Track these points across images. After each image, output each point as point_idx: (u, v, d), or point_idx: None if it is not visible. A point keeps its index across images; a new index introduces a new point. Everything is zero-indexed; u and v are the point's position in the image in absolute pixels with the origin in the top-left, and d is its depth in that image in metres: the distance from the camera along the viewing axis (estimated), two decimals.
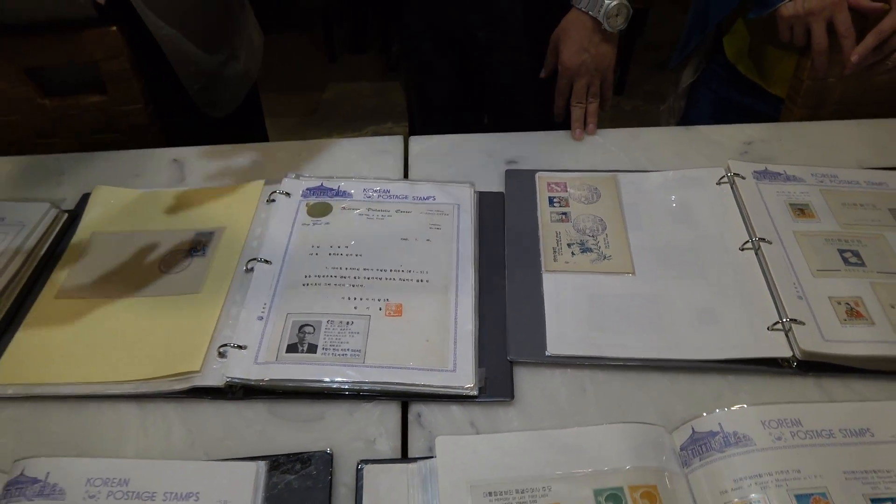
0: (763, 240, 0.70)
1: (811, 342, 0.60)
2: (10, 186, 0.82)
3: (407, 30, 1.10)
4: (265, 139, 1.22)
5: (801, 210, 0.73)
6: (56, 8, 0.84)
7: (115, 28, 0.87)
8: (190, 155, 0.86)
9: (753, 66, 1.02)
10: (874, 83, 0.94)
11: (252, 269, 0.68)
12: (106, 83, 0.90)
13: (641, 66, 2.39)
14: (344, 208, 0.74)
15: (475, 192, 0.78)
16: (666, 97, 1.17)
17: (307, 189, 0.77)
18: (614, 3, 0.82)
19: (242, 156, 0.86)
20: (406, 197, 0.76)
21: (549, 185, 0.79)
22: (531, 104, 1.08)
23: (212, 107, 1.02)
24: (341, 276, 0.67)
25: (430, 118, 1.21)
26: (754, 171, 0.78)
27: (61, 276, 0.70)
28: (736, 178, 0.77)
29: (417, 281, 0.67)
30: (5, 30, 0.85)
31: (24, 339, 0.64)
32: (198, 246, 0.72)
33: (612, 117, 2.24)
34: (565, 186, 0.79)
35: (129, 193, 0.79)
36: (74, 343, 0.64)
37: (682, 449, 0.52)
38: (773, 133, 0.88)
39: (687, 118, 1.14)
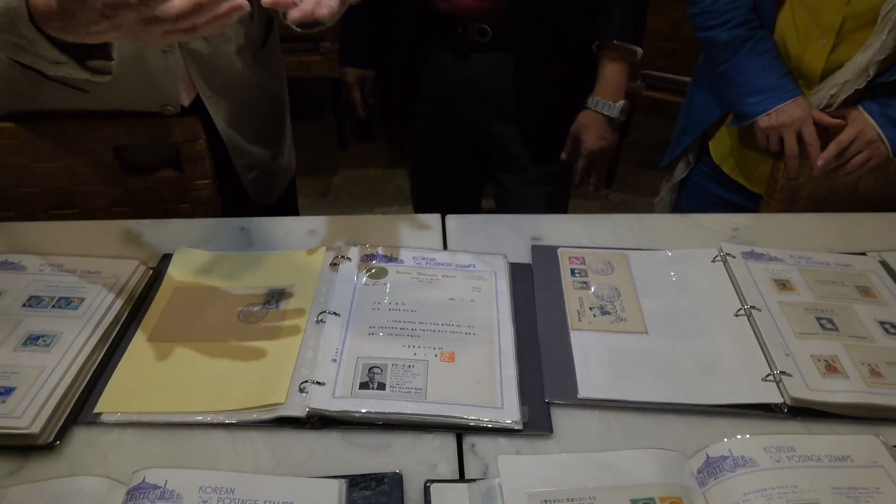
0: (754, 307, 0.83)
1: (798, 391, 0.72)
2: (99, 246, 0.93)
3: (419, 117, 1.26)
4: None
5: (783, 284, 0.87)
6: (150, 104, 0.99)
7: (196, 117, 1.01)
8: (255, 224, 0.99)
9: (736, 166, 1.20)
10: (838, 183, 1.12)
11: (323, 321, 0.79)
12: (183, 162, 1.03)
13: (627, 164, 2.62)
14: (398, 272, 0.87)
15: (507, 262, 0.91)
16: (659, 191, 1.34)
17: (365, 255, 0.89)
18: (624, 103, 1.00)
19: (301, 225, 0.99)
20: (450, 265, 0.89)
21: (570, 258, 0.93)
22: (532, 178, 1.24)
23: (262, 195, 1.17)
24: (401, 328, 0.78)
25: (431, 198, 1.37)
26: (742, 252, 0.93)
27: (151, 322, 0.81)
28: (727, 257, 0.91)
29: (465, 333, 0.78)
30: (102, 114, 0.99)
31: (124, 374, 0.74)
32: (271, 300, 0.84)
33: (602, 207, 2.43)
34: (584, 260, 0.92)
35: (206, 255, 0.91)
36: (169, 379, 0.73)
37: (698, 472, 0.63)
38: (755, 222, 1.04)
39: (678, 209, 1.30)
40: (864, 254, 0.95)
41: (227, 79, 1.02)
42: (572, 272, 0.90)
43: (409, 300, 0.82)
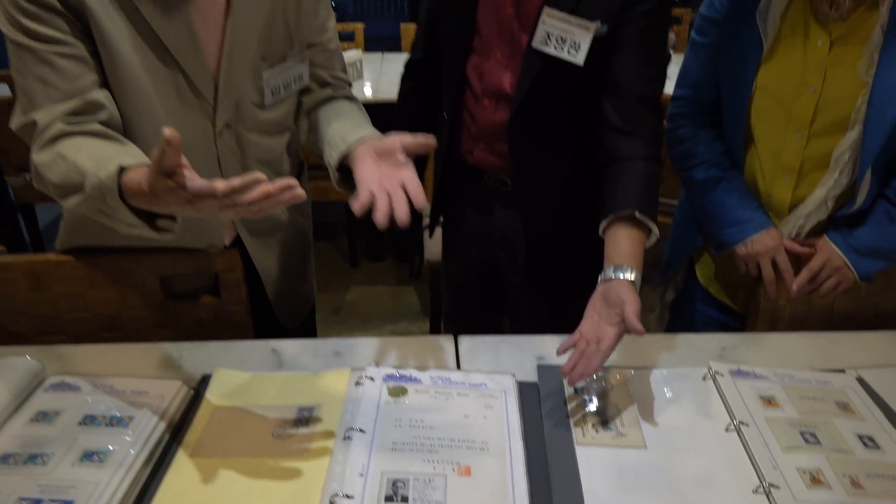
0: (742, 423, 0.91)
1: (786, 502, 0.79)
2: (144, 367, 1.03)
3: (451, 248, 1.38)
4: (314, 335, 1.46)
5: (769, 401, 0.96)
6: (197, 243, 1.12)
7: (235, 249, 1.14)
8: (285, 346, 1.09)
9: (722, 289, 1.31)
10: (815, 305, 1.22)
11: (350, 437, 0.87)
12: (221, 288, 1.15)
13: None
14: (417, 391, 0.96)
15: (516, 381, 1.00)
16: (654, 309, 1.45)
17: (386, 375, 0.98)
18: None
19: (327, 348, 1.09)
20: (463, 384, 0.98)
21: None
22: (543, 312, 1.34)
23: (290, 319, 1.28)
24: (420, 444, 0.86)
25: (460, 320, 1.47)
26: (730, 370, 1.01)
27: (193, 440, 0.88)
28: (717, 375, 1.00)
29: (479, 449, 0.86)
30: (150, 249, 1.12)
31: (169, 488, 0.81)
32: (302, 419, 0.92)
33: None
34: (585, 378, 1.01)
35: (241, 375, 1.00)
36: (210, 493, 0.80)
37: None
38: (741, 341, 1.13)
39: (672, 326, 1.40)
40: (842, 371, 1.04)
41: (265, 222, 1.16)
42: (575, 390, 0.99)
43: (427, 417, 0.91)
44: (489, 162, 1.22)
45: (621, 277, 0.97)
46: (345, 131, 1.01)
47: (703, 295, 1.33)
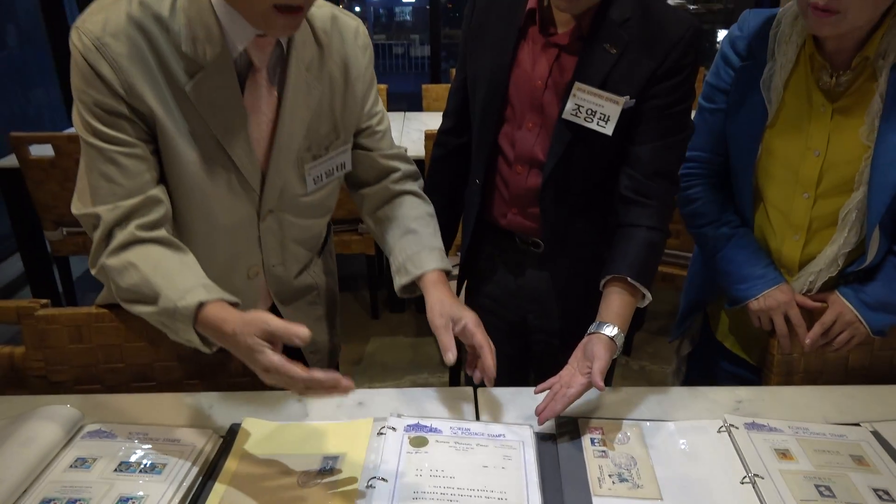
0: (757, 476, 0.92)
1: None
2: (176, 416, 1.07)
3: (477, 308, 1.41)
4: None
5: (783, 454, 0.97)
6: None
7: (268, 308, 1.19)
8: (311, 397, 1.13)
9: (737, 343, 1.33)
10: (830, 358, 1.24)
11: (373, 486, 0.90)
12: None
13: (645, 333, 2.76)
14: (437, 441, 0.99)
15: (534, 432, 1.02)
16: (672, 361, 1.47)
17: (408, 425, 1.02)
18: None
19: (350, 398, 1.12)
20: (483, 434, 1.01)
21: (590, 428, 1.04)
22: (555, 364, 1.36)
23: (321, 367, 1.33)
24: (441, 493, 0.89)
25: None
26: (745, 423, 1.03)
27: (223, 487, 0.92)
28: (731, 428, 1.02)
29: (498, 498, 0.88)
30: None
31: None
32: (327, 467, 0.95)
33: (623, 374, 2.53)
34: (602, 430, 1.04)
35: (269, 425, 1.04)
36: None
37: None
38: (757, 395, 1.15)
39: (689, 380, 1.41)
40: (857, 424, 1.05)
41: (297, 290, 1.23)
42: (592, 441, 1.01)
43: (447, 467, 0.94)
44: (521, 225, 1.26)
45: (602, 332, 1.06)
46: (410, 259, 1.13)
47: (719, 348, 1.36)
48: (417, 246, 1.14)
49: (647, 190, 1.12)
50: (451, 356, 1.01)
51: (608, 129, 1.09)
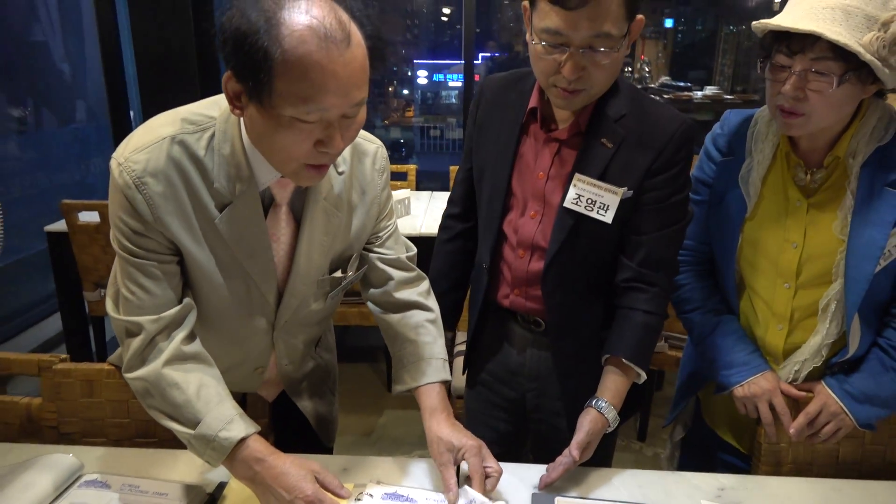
0: None
1: None
2: (169, 471, 1.13)
3: (478, 384, 1.45)
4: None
5: None
6: (232, 387, 1.17)
7: (266, 402, 1.26)
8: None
9: (728, 430, 1.33)
10: (819, 450, 1.23)
11: None
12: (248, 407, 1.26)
13: (660, 418, 2.70)
14: None
15: None
16: (666, 447, 1.46)
17: (385, 493, 1.05)
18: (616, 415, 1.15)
19: (335, 464, 1.16)
20: None
21: None
22: (563, 444, 1.37)
23: (327, 439, 1.39)
24: None
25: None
26: None
27: None
28: None
29: None
30: None
31: None
32: None
33: (637, 460, 2.48)
34: None
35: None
36: None
37: None
38: (741, 483, 1.14)
39: (682, 466, 1.40)
40: None
41: (303, 376, 1.31)
42: None
43: None
44: (523, 306, 1.30)
45: (594, 405, 1.14)
46: (407, 369, 1.19)
47: (711, 435, 1.35)
48: (415, 357, 1.20)
49: (646, 278, 1.17)
50: (451, 496, 1.05)
51: (608, 218, 1.15)
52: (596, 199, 1.16)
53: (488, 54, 6.93)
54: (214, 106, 1.01)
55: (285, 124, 0.88)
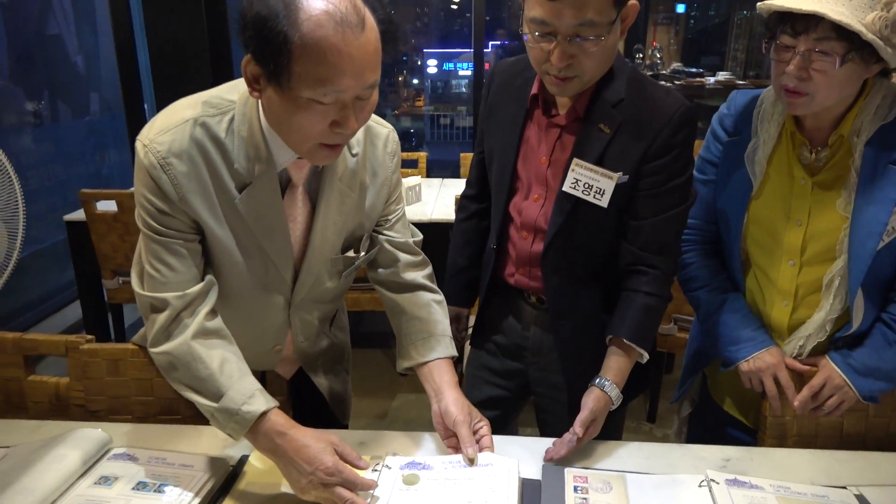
0: None
1: None
2: (192, 446, 1.17)
3: (482, 350, 1.49)
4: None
5: None
6: (252, 365, 1.21)
7: (285, 380, 1.30)
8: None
9: (734, 404, 1.36)
10: (824, 423, 1.26)
11: None
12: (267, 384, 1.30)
13: (668, 402, 2.73)
14: (428, 479, 1.06)
15: (518, 464, 1.08)
16: (674, 423, 1.49)
17: (403, 464, 1.09)
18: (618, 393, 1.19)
19: (352, 438, 1.20)
20: (472, 460, 1.07)
21: (574, 477, 1.09)
22: (565, 417, 1.42)
23: (342, 416, 1.43)
24: None
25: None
26: (726, 479, 1.06)
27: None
28: (712, 483, 1.05)
29: None
30: None
31: None
32: None
33: (646, 441, 2.51)
34: (586, 479, 1.08)
35: None
36: None
37: None
38: (746, 454, 1.17)
39: (689, 440, 1.44)
40: (844, 487, 1.07)
41: (318, 353, 1.35)
42: (575, 489, 1.06)
43: (436, 502, 1.00)
44: (528, 285, 1.35)
45: (597, 384, 1.18)
46: (414, 345, 1.23)
47: (717, 410, 1.38)
48: (425, 333, 1.24)
49: (647, 261, 1.21)
50: (471, 451, 1.09)
51: (604, 202, 1.18)
52: (593, 183, 1.18)
53: (498, 42, 6.91)
54: (233, 90, 1.05)
55: (303, 105, 0.91)
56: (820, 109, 1.09)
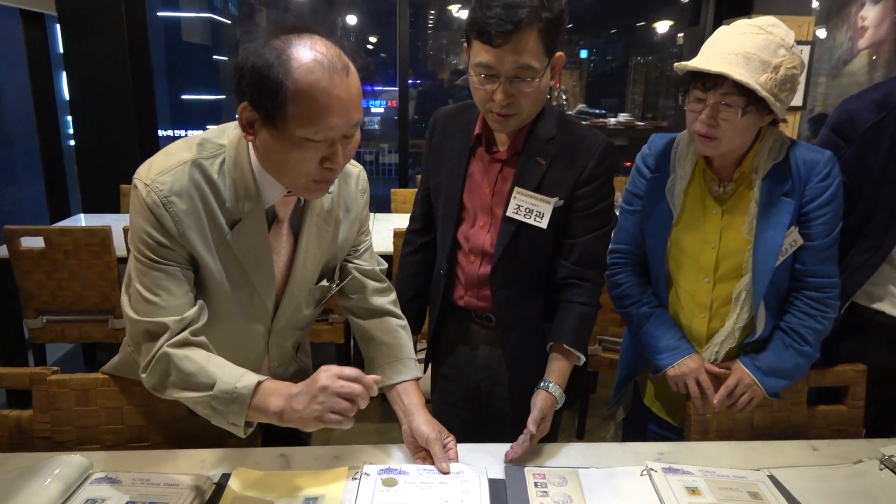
0: None
1: None
2: (171, 469, 1.22)
3: (439, 377, 1.60)
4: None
5: (693, 490, 1.16)
6: None
7: None
8: (292, 452, 1.28)
9: (662, 407, 1.54)
10: (738, 419, 1.46)
11: None
12: None
13: (596, 418, 2.94)
14: (406, 482, 1.16)
15: (487, 473, 1.20)
16: (610, 428, 1.66)
17: (380, 469, 1.19)
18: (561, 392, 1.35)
19: (327, 452, 1.28)
20: (446, 473, 1.18)
21: (534, 474, 1.22)
22: (516, 427, 1.55)
23: (307, 434, 1.49)
24: None
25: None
26: (663, 468, 1.23)
27: None
28: (651, 472, 1.21)
29: None
30: None
31: None
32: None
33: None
34: (544, 475, 1.22)
35: (256, 473, 1.19)
36: None
37: None
38: (676, 448, 1.35)
39: (625, 441, 1.60)
40: (758, 469, 1.26)
41: (290, 378, 1.40)
42: (535, 484, 1.19)
43: (415, 502, 1.10)
44: (476, 305, 1.49)
45: (542, 387, 1.34)
46: (382, 369, 1.34)
47: (647, 413, 1.56)
48: (391, 357, 1.35)
49: (580, 274, 1.39)
50: (444, 466, 1.20)
51: (543, 224, 1.36)
52: (533, 208, 1.36)
53: (412, 81, 7.17)
54: (222, 135, 1.14)
55: (296, 143, 1.02)
56: (726, 151, 1.31)
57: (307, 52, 0.99)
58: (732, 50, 1.21)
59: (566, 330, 1.37)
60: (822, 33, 4.07)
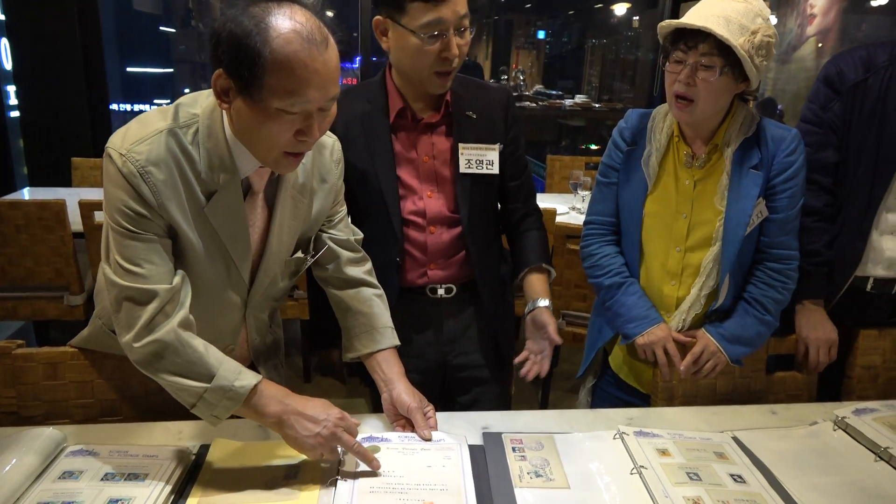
0: (642, 467, 1.16)
1: None
2: (147, 441, 1.20)
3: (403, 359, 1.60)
4: None
5: (662, 452, 1.21)
6: None
7: None
8: None
9: (630, 374, 1.60)
10: (702, 385, 1.52)
11: (334, 484, 1.07)
12: None
13: (559, 391, 3.01)
14: (388, 448, 1.17)
15: (467, 440, 1.22)
16: (580, 394, 1.71)
17: (362, 438, 1.20)
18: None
19: None
20: (428, 440, 1.20)
21: (511, 440, 1.25)
22: (488, 397, 1.59)
23: None
24: (393, 487, 1.07)
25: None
26: (634, 431, 1.27)
27: (199, 490, 1.06)
28: (623, 435, 1.26)
29: (440, 489, 1.07)
30: None
31: None
32: (290, 471, 1.11)
33: None
34: (522, 441, 1.25)
35: (236, 443, 1.19)
36: None
37: None
38: (645, 413, 1.40)
39: (594, 407, 1.65)
40: (722, 432, 1.32)
41: (267, 348, 1.42)
42: (513, 449, 1.22)
43: (397, 468, 1.12)
44: (440, 277, 1.51)
45: (540, 305, 1.45)
46: (358, 338, 1.35)
47: (616, 380, 1.61)
48: (367, 327, 1.35)
49: (531, 205, 1.60)
50: (427, 433, 1.22)
51: (495, 169, 1.47)
52: (482, 158, 1.45)
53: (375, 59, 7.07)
54: (195, 104, 1.11)
55: (272, 115, 1.00)
56: (701, 118, 1.35)
57: (286, 22, 0.97)
58: (714, 12, 1.27)
59: (537, 251, 1.53)
60: (772, 20, 4.21)
